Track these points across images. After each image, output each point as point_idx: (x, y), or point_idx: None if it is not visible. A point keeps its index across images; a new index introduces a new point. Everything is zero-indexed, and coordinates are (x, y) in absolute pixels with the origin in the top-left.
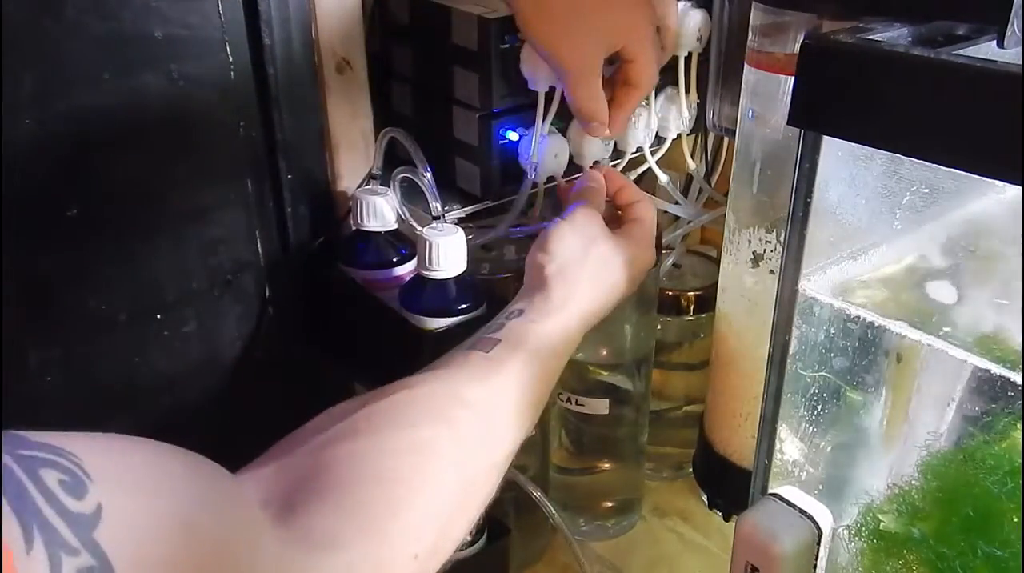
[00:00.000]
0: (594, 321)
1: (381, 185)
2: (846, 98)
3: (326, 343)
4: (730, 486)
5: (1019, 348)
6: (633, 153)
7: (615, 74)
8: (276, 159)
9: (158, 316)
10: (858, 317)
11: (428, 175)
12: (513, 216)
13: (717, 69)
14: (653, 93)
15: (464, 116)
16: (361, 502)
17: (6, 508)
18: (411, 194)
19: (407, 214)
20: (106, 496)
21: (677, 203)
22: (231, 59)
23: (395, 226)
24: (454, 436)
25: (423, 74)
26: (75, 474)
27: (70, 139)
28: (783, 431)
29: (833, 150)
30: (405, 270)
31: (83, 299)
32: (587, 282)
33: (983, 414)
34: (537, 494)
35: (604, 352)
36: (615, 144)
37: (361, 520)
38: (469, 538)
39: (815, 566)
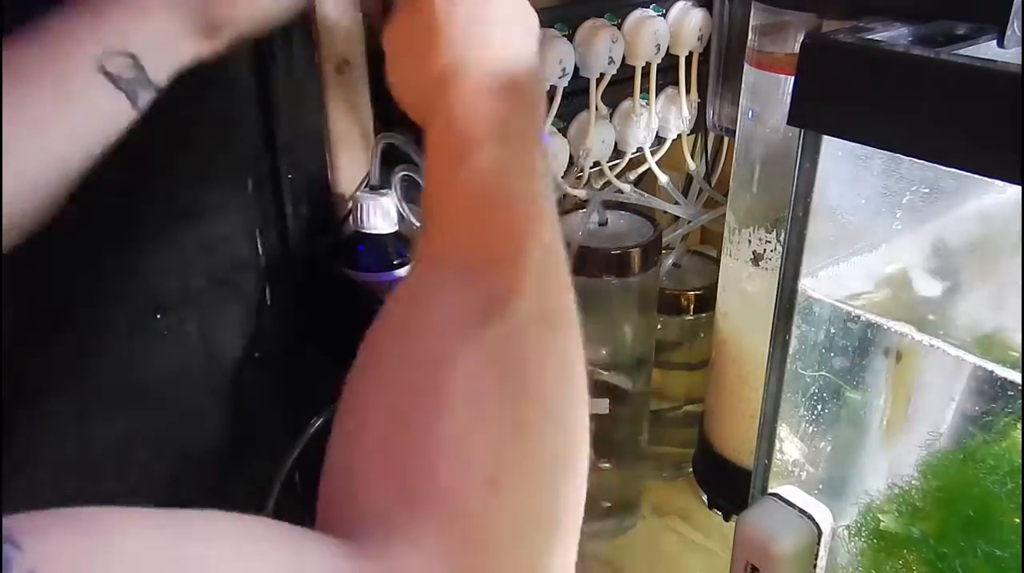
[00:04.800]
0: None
1: (381, 186)
2: (846, 98)
3: (326, 343)
4: (730, 486)
5: (1019, 348)
6: (633, 153)
7: None
8: (276, 159)
9: (158, 316)
10: (858, 317)
11: None
12: None
13: (717, 69)
14: (654, 93)
15: None
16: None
17: None
18: (411, 194)
19: (407, 214)
20: (40, 558)
21: (677, 203)
22: (231, 59)
23: (396, 228)
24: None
25: None
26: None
27: None
28: (783, 431)
29: (833, 150)
30: (405, 271)
31: (83, 299)
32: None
33: (983, 414)
34: None
35: (604, 352)
36: (615, 144)
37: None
38: None
39: (815, 566)
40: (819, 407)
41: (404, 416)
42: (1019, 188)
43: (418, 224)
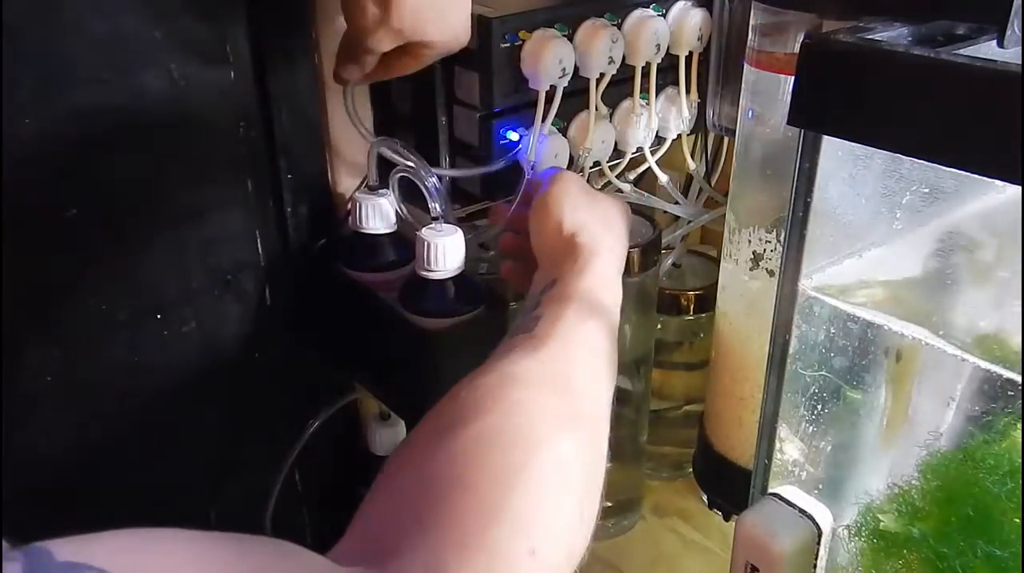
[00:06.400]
0: (621, 262)
1: (384, 187)
2: (846, 98)
3: (326, 343)
4: (730, 486)
5: (1019, 348)
6: (633, 153)
7: None
8: (276, 159)
9: (158, 316)
10: (858, 317)
11: (434, 179)
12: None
13: (717, 69)
14: (654, 93)
15: (464, 116)
16: (445, 521)
17: None
18: (411, 194)
19: (407, 214)
20: None
21: (677, 203)
22: (231, 59)
23: (395, 228)
24: (511, 420)
25: (423, 73)
26: None
27: (70, 139)
28: (783, 431)
29: (833, 150)
30: (404, 271)
31: (83, 299)
32: (602, 224)
33: (983, 414)
34: None
35: None
36: (615, 144)
37: (454, 537)
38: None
39: (815, 566)
40: (819, 407)
41: (476, 483)
42: (1019, 188)
43: (417, 225)
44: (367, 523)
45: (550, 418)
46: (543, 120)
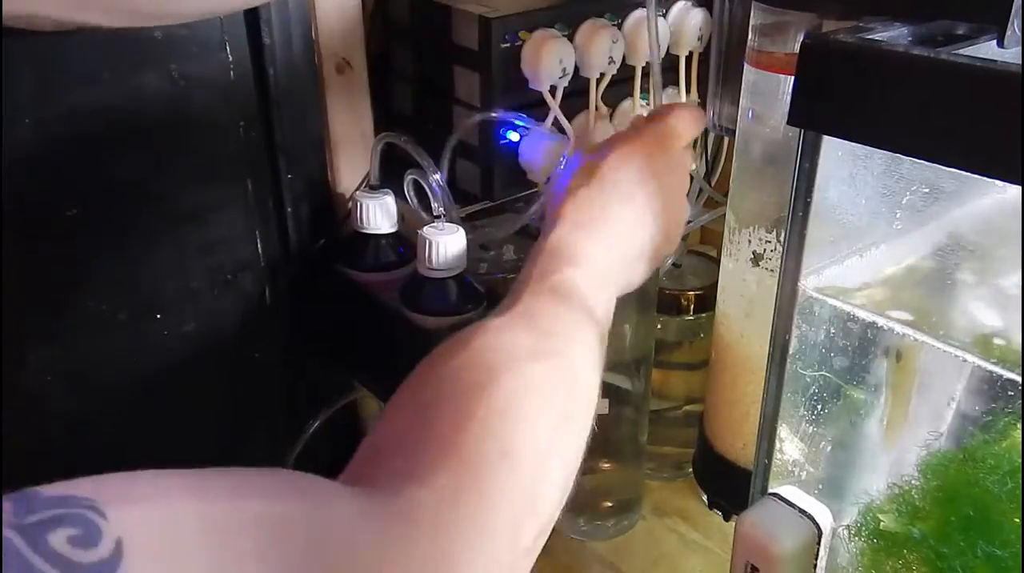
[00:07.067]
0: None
1: (385, 187)
2: (846, 98)
3: (326, 343)
4: (730, 486)
5: (1019, 348)
6: None
7: None
8: (276, 159)
9: (158, 316)
10: (858, 317)
11: (437, 176)
12: (522, 219)
13: (717, 69)
14: (654, 93)
15: (465, 116)
16: (423, 438)
17: None
18: (414, 194)
19: (408, 214)
20: (125, 528)
21: None
22: (231, 59)
23: (395, 227)
24: (483, 352)
25: (424, 74)
26: (87, 521)
27: (70, 139)
28: (783, 431)
29: (833, 150)
30: (405, 271)
31: (83, 299)
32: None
33: (983, 414)
34: None
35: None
36: None
37: (428, 448)
38: None
39: (815, 566)
40: (819, 407)
41: (453, 399)
42: (1019, 188)
43: (418, 225)
44: (362, 451)
45: (519, 351)
46: (543, 120)
